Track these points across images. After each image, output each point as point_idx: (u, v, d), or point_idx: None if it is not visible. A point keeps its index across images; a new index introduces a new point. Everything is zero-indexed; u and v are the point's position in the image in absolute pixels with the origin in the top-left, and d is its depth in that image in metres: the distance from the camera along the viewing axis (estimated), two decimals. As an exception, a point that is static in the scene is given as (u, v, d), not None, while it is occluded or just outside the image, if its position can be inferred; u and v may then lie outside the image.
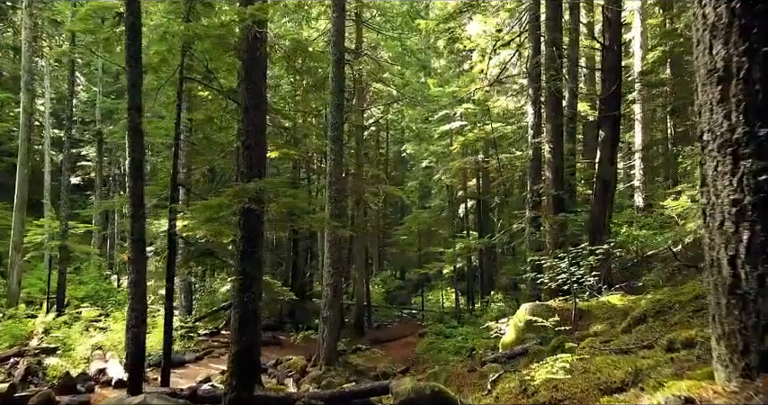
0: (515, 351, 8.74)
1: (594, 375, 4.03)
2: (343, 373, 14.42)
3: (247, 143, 7.83)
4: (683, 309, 6.07)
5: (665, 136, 23.32)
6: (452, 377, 8.15)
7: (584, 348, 5.82)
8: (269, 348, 17.27)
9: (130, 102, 9.12)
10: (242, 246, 7.74)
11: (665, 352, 4.11)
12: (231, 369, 7.50)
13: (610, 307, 9.12)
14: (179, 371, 13.67)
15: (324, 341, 14.61)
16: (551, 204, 13.33)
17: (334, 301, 14.80)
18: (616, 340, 5.77)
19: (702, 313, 5.67)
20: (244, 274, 7.69)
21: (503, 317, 17.37)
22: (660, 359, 3.95)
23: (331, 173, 14.92)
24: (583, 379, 4.06)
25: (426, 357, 17.28)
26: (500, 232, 17.08)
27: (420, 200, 30.94)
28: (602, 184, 13.18)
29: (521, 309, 9.82)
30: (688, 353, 3.79)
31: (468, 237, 24.43)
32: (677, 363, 3.62)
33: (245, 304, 7.61)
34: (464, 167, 22.89)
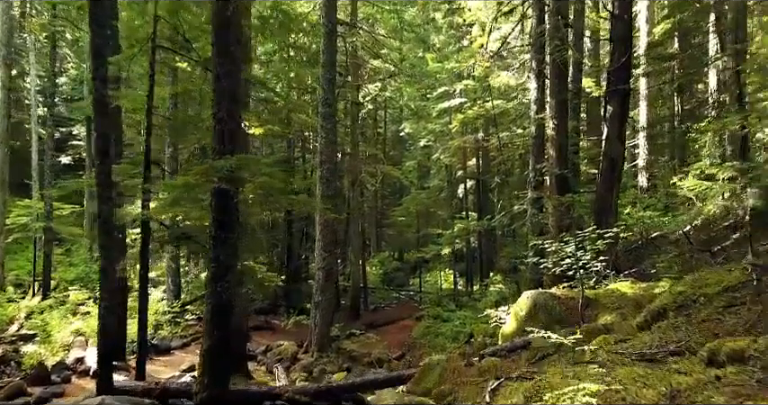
0: (516, 343, 7.96)
1: (618, 394, 3.24)
2: (336, 360, 13.74)
3: (219, 116, 6.94)
4: (709, 303, 5.26)
5: (672, 113, 22.32)
6: (447, 373, 7.39)
7: (597, 350, 5.02)
8: (260, 333, 16.60)
9: (95, 72, 8.21)
10: (214, 230, 6.90)
11: (706, 366, 3.31)
12: (203, 366, 6.73)
13: (619, 295, 8.32)
14: (164, 358, 12.98)
15: (316, 327, 13.91)
16: (555, 184, 12.46)
17: (327, 286, 14.05)
18: (634, 340, 4.97)
19: (735, 310, 4.86)
20: (217, 262, 6.87)
21: (502, 301, 16.65)
22: (701, 376, 3.15)
23: (322, 151, 14.05)
24: (604, 400, 3.26)
25: (423, 342, 16.58)
26: (500, 214, 16.26)
27: (419, 180, 30.03)
28: (609, 162, 12.28)
29: (522, 297, 9.02)
30: (738, 370, 3.01)
31: (468, 218, 23.60)
32: (727, 385, 2.83)
33: (219, 294, 6.80)
34: (464, 146, 21.96)
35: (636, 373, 3.51)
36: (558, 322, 8.25)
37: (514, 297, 17.05)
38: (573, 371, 4.16)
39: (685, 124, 20.03)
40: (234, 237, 7.01)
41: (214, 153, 6.95)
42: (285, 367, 12.83)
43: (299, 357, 13.69)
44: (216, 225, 6.92)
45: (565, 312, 8.34)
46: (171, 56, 10.41)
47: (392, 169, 22.53)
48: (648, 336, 4.99)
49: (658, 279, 9.90)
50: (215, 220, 6.92)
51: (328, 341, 14.00)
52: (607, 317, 7.58)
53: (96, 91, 8.16)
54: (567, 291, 8.91)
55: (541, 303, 8.54)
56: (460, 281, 25.85)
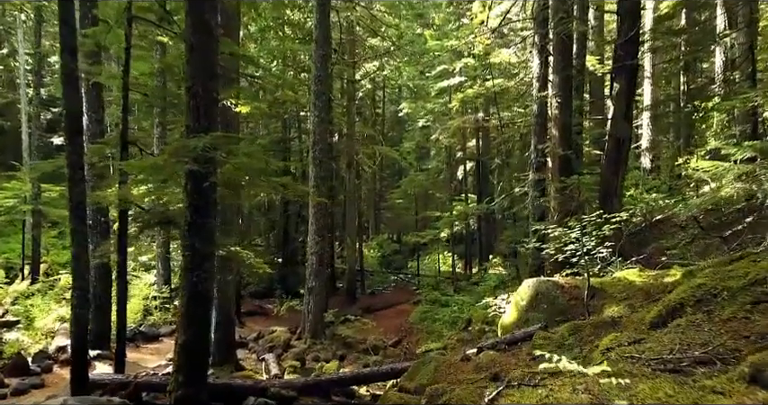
0: (517, 336, 7.40)
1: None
2: (330, 347, 13.25)
3: (193, 90, 6.28)
4: (733, 299, 4.66)
5: (678, 93, 21.53)
6: (442, 368, 6.83)
7: (608, 352, 4.43)
8: (254, 319, 16.11)
9: (63, 42, 7.51)
10: (189, 215, 6.29)
11: (748, 384, 2.73)
12: (177, 362, 6.17)
13: (626, 284, 7.73)
14: (152, 346, 12.48)
15: (309, 313, 13.40)
16: (558, 166, 11.82)
17: (320, 271, 13.49)
18: (650, 341, 4.37)
19: (765, 308, 4.25)
20: (192, 250, 6.27)
21: (501, 286, 16.13)
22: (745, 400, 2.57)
23: (315, 131, 13.39)
24: (626, 426, 2.70)
25: (420, 327, 16.11)
26: (500, 196, 15.64)
27: (417, 162, 29.31)
28: (615, 142, 11.60)
29: (523, 285, 8.44)
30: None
31: (467, 200, 22.99)
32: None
33: (195, 285, 6.22)
34: (463, 127, 21.23)
35: (662, 389, 2.93)
36: (560, 313, 7.69)
37: (514, 282, 16.57)
38: (584, 383, 3.56)
39: (692, 104, 19.30)
40: (211, 222, 6.40)
41: (188, 131, 6.31)
42: (277, 355, 12.33)
43: (292, 344, 13.19)
44: (191, 210, 6.30)
45: (568, 302, 7.77)
46: (153, 29, 9.69)
47: (389, 151, 21.85)
48: (666, 336, 4.40)
49: (668, 266, 9.33)
50: (190, 204, 6.31)
51: (322, 327, 13.50)
52: (614, 308, 7.00)
53: (64, 64, 7.47)
54: (570, 279, 8.32)
55: (543, 293, 7.97)
56: (459, 263, 25.34)
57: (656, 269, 9.33)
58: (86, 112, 11.22)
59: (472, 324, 14.21)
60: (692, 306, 4.99)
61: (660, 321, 5.17)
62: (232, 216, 10.96)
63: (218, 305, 10.64)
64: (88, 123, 11.21)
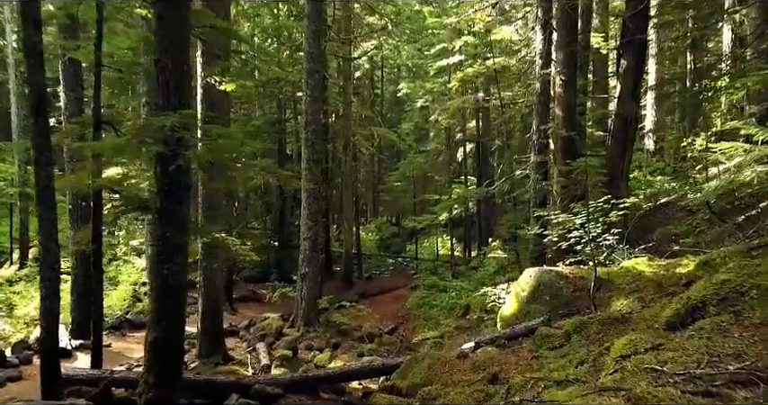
0: (517, 330, 6.86)
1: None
2: (324, 335, 12.76)
3: (162, 63, 5.63)
4: (764, 298, 4.09)
5: (684, 72, 20.73)
6: (437, 366, 6.30)
7: (623, 361, 3.85)
8: (247, 305, 15.61)
9: (25, 13, 6.83)
10: (159, 202, 5.69)
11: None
12: (148, 362, 5.63)
13: (635, 275, 7.16)
14: (139, 334, 11.95)
15: (302, 300, 12.88)
16: (561, 147, 11.18)
17: (313, 256, 12.94)
18: (671, 347, 3.79)
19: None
20: (163, 239, 5.69)
21: (501, 271, 15.59)
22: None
23: (307, 111, 12.72)
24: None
25: (417, 314, 15.61)
26: (500, 179, 15.01)
27: (416, 143, 28.60)
28: (622, 122, 10.96)
29: (525, 274, 7.88)
30: None
31: (467, 183, 22.35)
32: None
33: (165, 278, 5.65)
34: (463, 107, 20.50)
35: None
36: (564, 305, 7.14)
37: (513, 267, 16.01)
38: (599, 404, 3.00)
39: (700, 83, 18.55)
40: (183, 209, 5.80)
41: (157, 109, 5.68)
42: (268, 344, 11.83)
43: (285, 332, 12.70)
44: (161, 196, 5.70)
45: (572, 294, 7.22)
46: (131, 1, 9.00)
47: (387, 132, 21.16)
48: (689, 342, 3.82)
49: (678, 254, 8.75)
50: (160, 190, 5.71)
51: (315, 315, 12.99)
52: (623, 301, 6.44)
53: (27, 38, 6.81)
54: (575, 268, 7.75)
55: (546, 283, 7.41)
56: (458, 247, 24.81)
57: (664, 257, 8.76)
58: (64, 90, 10.58)
59: (470, 311, 13.71)
60: (715, 305, 4.42)
61: (678, 322, 4.60)
62: (219, 201, 10.37)
63: (204, 294, 10.12)
64: (66, 102, 10.57)
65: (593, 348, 5.09)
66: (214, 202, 10.04)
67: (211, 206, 9.99)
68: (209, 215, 10.00)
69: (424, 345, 12.00)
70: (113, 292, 13.31)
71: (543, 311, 7.21)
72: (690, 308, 4.61)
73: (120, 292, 13.16)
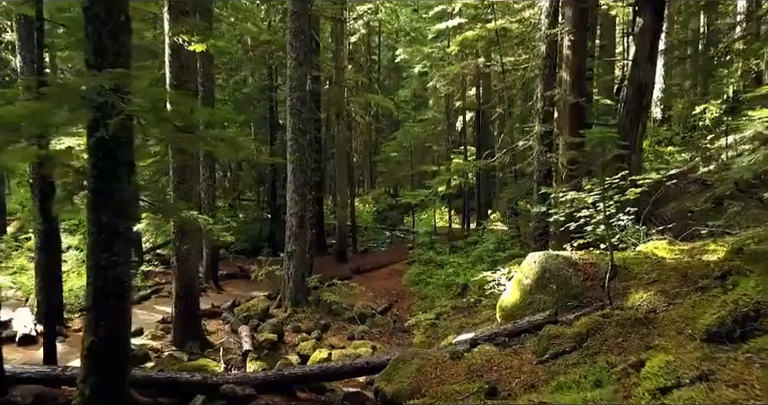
0: (520, 325, 5.94)
1: None
2: (313, 316, 11.93)
3: (92, 11, 4.56)
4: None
5: (697, 36, 19.38)
6: (427, 369, 5.40)
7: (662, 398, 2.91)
8: (233, 283, 14.74)
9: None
10: (94, 181, 4.69)
11: None
12: (85, 369, 4.72)
13: (655, 262, 6.21)
14: (114, 316, 11.10)
15: (289, 279, 12.00)
16: (568, 115, 10.11)
17: (301, 233, 12.00)
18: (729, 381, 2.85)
19: None
20: (99, 226, 4.71)
21: (500, 248, 14.68)
22: None
23: (292, 76, 11.59)
24: None
25: (413, 291, 14.78)
26: (501, 151, 13.95)
27: (414, 111, 27.35)
28: (637, 89, 9.85)
29: (528, 259, 6.92)
30: None
31: (466, 153, 21.29)
32: None
33: (104, 271, 4.70)
34: (463, 73, 19.27)
35: None
36: (573, 297, 6.20)
37: (514, 243, 15.12)
38: None
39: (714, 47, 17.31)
40: (124, 189, 4.80)
41: (88, 67, 4.62)
42: (253, 326, 11.00)
43: (271, 313, 11.86)
44: (95, 174, 4.70)
45: (583, 283, 6.27)
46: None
47: (382, 100, 19.93)
48: (750, 369, 2.87)
49: (697, 235, 7.78)
50: (94, 166, 4.70)
51: (304, 294, 12.14)
52: (642, 294, 5.50)
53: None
54: (585, 253, 6.79)
55: (552, 270, 6.46)
56: (456, 219, 23.88)
57: (681, 237, 7.80)
58: (19, 51, 9.44)
59: (468, 291, 12.87)
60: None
61: (724, 334, 3.64)
62: (192, 174, 9.35)
63: (177, 276, 9.21)
64: (22, 64, 9.45)
65: (613, 360, 4.16)
66: (186, 176, 9.03)
67: (183, 180, 8.98)
68: (181, 190, 9.01)
69: (418, 326, 11.19)
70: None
71: (549, 303, 6.29)
72: (739, 316, 3.65)
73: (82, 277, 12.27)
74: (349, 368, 6.35)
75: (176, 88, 8.88)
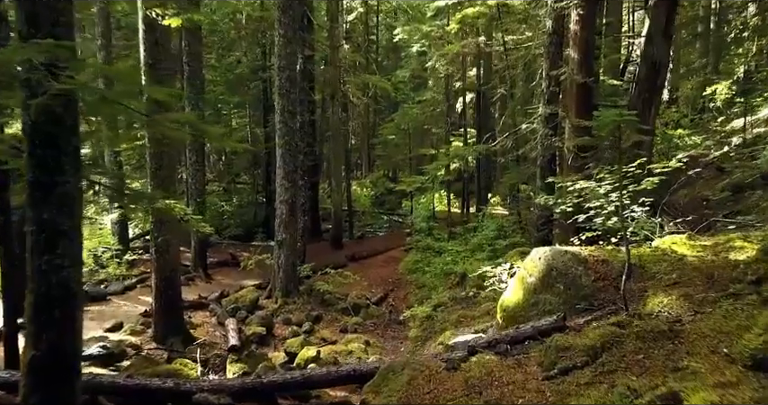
0: (523, 331, 5.30)
1: None
2: (304, 307, 11.33)
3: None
4: None
5: (708, 13, 18.46)
6: (419, 382, 4.78)
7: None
8: (224, 271, 14.12)
9: None
10: (32, 173, 4.00)
11: None
12: (25, 387, 4.09)
13: (675, 260, 5.54)
14: (95, 308, 10.52)
15: (280, 269, 11.38)
16: (576, 96, 9.35)
17: (291, 221, 11.34)
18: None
19: None
20: (40, 224, 4.04)
21: (501, 235, 14.02)
22: None
23: (281, 54, 10.80)
24: None
25: (410, 279, 14.15)
26: (503, 135, 13.19)
27: (413, 92, 26.42)
28: (651, 67, 9.09)
29: (533, 255, 6.25)
30: None
31: (466, 136, 20.48)
32: None
33: (46, 275, 4.05)
34: (463, 52, 18.37)
35: None
36: (583, 298, 5.55)
37: (515, 231, 14.46)
38: None
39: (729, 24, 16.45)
40: (69, 181, 4.11)
41: (20, 39, 3.90)
42: (241, 318, 10.41)
43: (261, 304, 11.26)
44: (34, 163, 4.00)
45: (594, 283, 5.61)
46: None
47: (379, 80, 19.09)
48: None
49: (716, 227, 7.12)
50: (31, 155, 4.00)
51: (295, 284, 11.53)
52: (662, 298, 4.85)
53: None
54: (595, 249, 6.11)
55: (560, 268, 5.79)
56: (455, 202, 23.17)
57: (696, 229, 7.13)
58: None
59: (467, 280, 12.24)
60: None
61: None
62: (170, 161, 8.64)
63: (157, 268, 8.58)
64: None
65: (636, 384, 3.51)
66: (164, 162, 8.33)
67: (161, 166, 8.28)
68: (159, 176, 8.32)
69: (413, 319, 10.59)
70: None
71: (556, 305, 5.64)
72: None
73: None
74: (334, 376, 5.73)
75: (151, 68, 8.15)
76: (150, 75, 8.16)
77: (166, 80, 8.34)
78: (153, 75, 8.15)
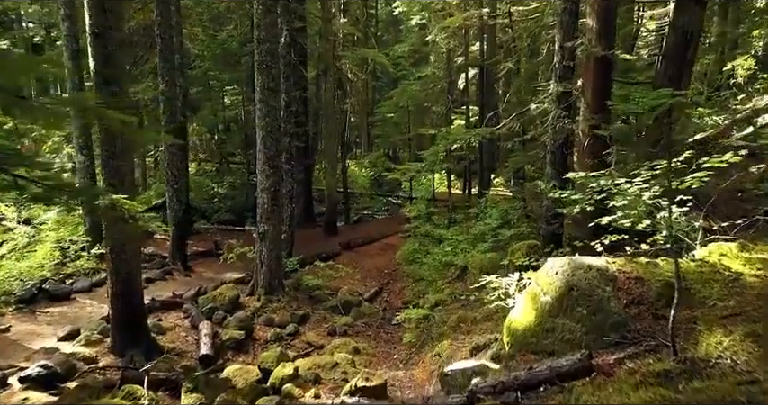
0: (537, 372, 4.12)
1: None
2: (289, 305, 10.21)
3: None
4: None
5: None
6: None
7: None
8: (206, 263, 12.94)
9: None
10: None
11: None
12: None
13: (728, 279, 4.34)
14: (56, 309, 9.41)
15: (262, 264, 10.23)
16: (594, 71, 8.00)
17: (274, 211, 10.14)
18: None
19: None
20: None
21: (505, 226, 12.74)
22: None
23: (260, 25, 9.44)
24: None
25: (407, 271, 12.96)
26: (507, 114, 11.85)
27: (413, 68, 24.88)
28: (680, 37, 7.73)
29: (548, 268, 5.03)
30: None
31: (468, 114, 19.12)
32: None
33: None
34: (465, 25, 16.87)
35: None
36: (613, 328, 4.35)
37: (520, 219, 13.17)
38: None
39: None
40: None
41: None
42: (218, 320, 9.30)
43: (242, 302, 10.13)
44: None
45: (626, 310, 4.40)
46: None
47: (377, 54, 17.64)
48: None
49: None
50: None
51: (280, 280, 10.40)
52: (721, 337, 3.65)
53: None
54: (625, 263, 4.87)
55: (583, 288, 4.58)
56: (456, 183, 21.90)
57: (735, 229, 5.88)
58: None
59: (467, 273, 11.09)
60: None
61: None
62: (126, 148, 7.37)
63: (112, 270, 7.41)
64: None
65: None
66: (117, 149, 7.07)
67: (113, 155, 7.04)
68: (111, 166, 7.10)
69: (409, 320, 9.44)
70: (30, 253, 10.61)
71: (577, 333, 4.45)
72: None
73: (40, 252, 10.46)
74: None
75: (97, 37, 6.84)
76: (96, 46, 6.86)
77: (117, 53, 7.03)
78: (99, 46, 6.86)
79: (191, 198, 18.05)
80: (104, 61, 6.95)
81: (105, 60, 6.95)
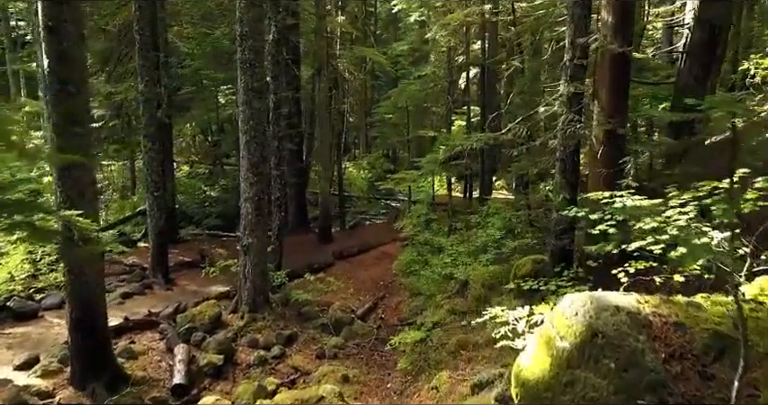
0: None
1: None
2: (275, 324, 9.36)
3: None
4: None
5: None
6: None
7: None
8: (190, 275, 12.07)
9: None
10: None
11: None
12: None
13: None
14: (20, 329, 8.60)
15: (246, 279, 9.40)
16: (609, 70, 7.13)
17: (259, 222, 9.31)
18: None
19: None
20: None
21: (509, 235, 11.85)
22: None
23: (242, 19, 8.59)
24: None
25: (404, 283, 12.08)
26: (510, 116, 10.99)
27: (413, 66, 24.00)
28: (707, 32, 6.89)
29: (564, 306, 4.14)
30: None
31: (470, 114, 18.26)
32: None
33: None
34: (466, 22, 16.00)
35: None
36: (650, 389, 3.47)
37: (524, 229, 12.30)
38: None
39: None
40: None
41: None
42: (197, 342, 8.49)
43: (225, 320, 9.30)
44: None
45: (666, 367, 3.53)
46: None
47: (374, 53, 16.78)
48: None
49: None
50: None
51: (265, 296, 9.57)
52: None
53: None
54: (660, 303, 3.98)
55: (610, 335, 3.70)
56: (457, 186, 21.01)
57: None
58: None
59: (468, 288, 10.23)
60: None
61: None
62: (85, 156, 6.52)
63: (71, 292, 6.59)
64: None
65: None
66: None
67: (72, 165, 6.19)
68: (69, 178, 6.27)
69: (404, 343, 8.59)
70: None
71: (604, 392, 3.58)
72: None
73: (10, 263, 9.64)
74: None
75: (51, 32, 6.00)
76: (50, 42, 6.03)
77: (74, 49, 6.19)
78: (53, 42, 6.02)
79: (180, 202, 17.24)
80: (59, 59, 6.12)
81: (60, 58, 6.13)
